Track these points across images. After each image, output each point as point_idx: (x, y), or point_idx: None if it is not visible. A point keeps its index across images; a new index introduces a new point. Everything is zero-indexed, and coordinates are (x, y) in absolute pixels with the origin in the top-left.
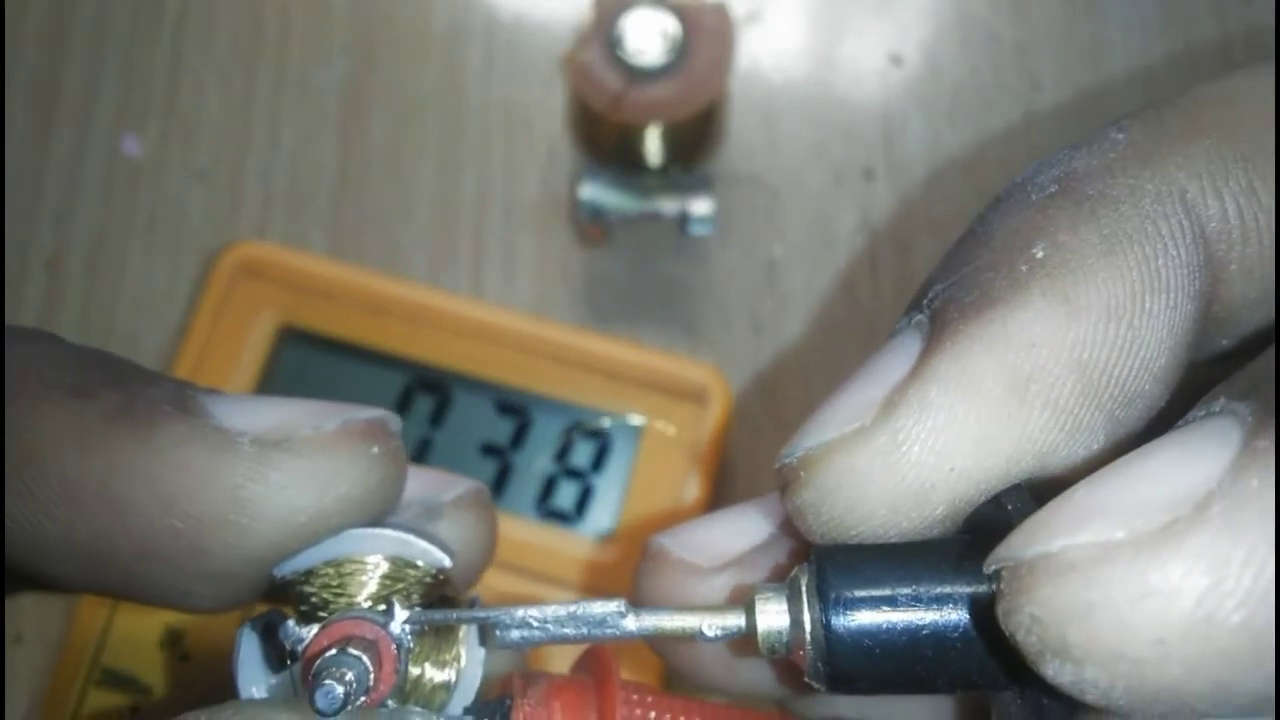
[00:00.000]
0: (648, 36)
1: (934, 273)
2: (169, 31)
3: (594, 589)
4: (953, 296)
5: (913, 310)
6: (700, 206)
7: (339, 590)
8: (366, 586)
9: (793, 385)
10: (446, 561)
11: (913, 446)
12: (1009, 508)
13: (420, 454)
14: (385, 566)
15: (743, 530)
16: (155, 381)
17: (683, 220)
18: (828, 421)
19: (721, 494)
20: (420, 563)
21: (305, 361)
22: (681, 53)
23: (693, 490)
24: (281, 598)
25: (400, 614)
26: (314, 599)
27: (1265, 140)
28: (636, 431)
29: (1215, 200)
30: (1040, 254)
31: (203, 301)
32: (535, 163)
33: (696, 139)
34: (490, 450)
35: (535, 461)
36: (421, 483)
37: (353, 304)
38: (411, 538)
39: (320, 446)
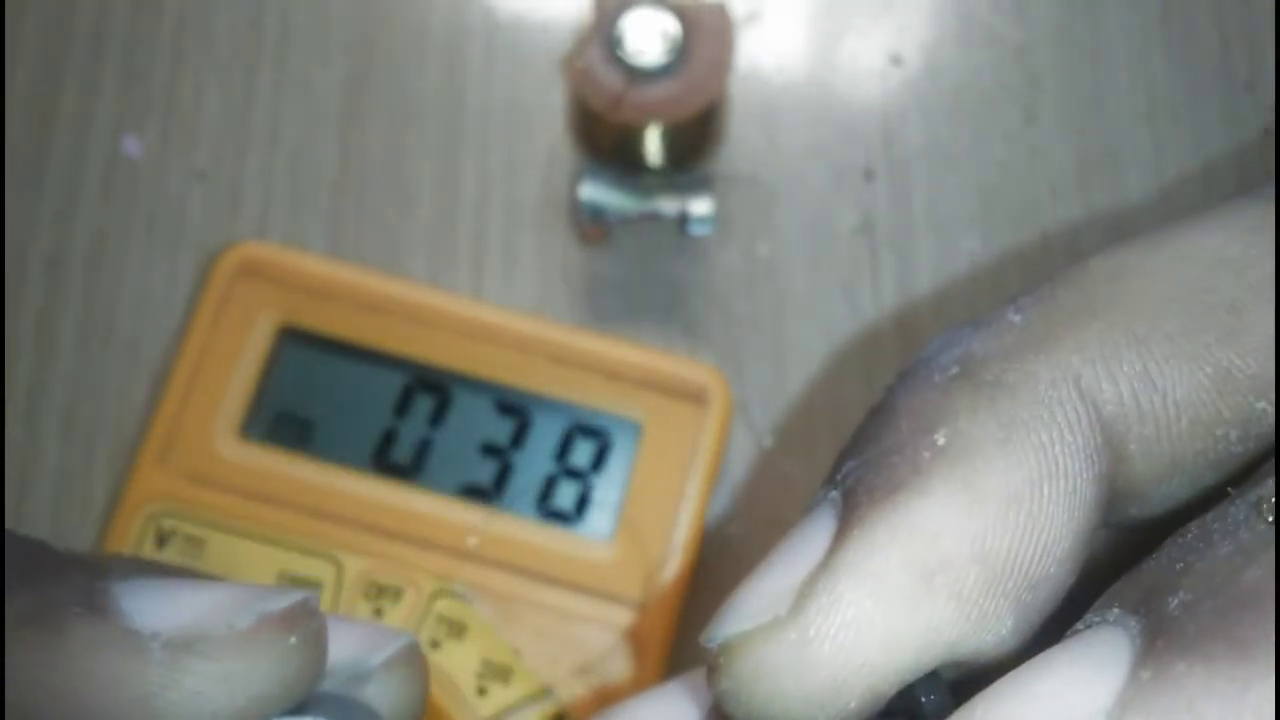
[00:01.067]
0: (648, 36)
1: (847, 445)
2: (169, 31)
3: (594, 589)
4: (862, 478)
5: (828, 485)
6: (700, 206)
7: None
8: None
9: (793, 385)
10: None
11: (824, 644)
12: (923, 699)
13: (420, 454)
14: None
15: (672, 715)
16: (66, 574)
17: (683, 220)
18: (744, 608)
19: (721, 495)
20: None
21: (305, 361)
22: (681, 53)
23: (693, 490)
24: None
25: None
26: None
27: (1156, 319)
28: (636, 431)
29: (1110, 384)
30: (942, 440)
31: (203, 301)
32: (535, 163)
33: (696, 139)
34: (490, 450)
35: (535, 461)
36: (350, 642)
37: (353, 304)
38: None
39: (235, 646)
